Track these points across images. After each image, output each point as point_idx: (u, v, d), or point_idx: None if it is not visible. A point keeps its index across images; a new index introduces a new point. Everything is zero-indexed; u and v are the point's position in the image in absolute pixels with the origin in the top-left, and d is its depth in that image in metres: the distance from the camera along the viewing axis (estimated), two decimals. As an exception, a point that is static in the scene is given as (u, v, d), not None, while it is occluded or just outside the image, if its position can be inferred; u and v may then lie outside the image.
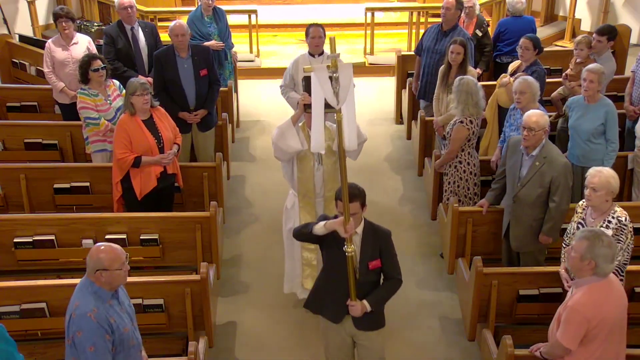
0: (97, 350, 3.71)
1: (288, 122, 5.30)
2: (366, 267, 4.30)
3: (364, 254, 4.31)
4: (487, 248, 6.02)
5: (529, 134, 5.23)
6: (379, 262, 4.33)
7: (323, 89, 3.97)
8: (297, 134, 5.26)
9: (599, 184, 4.62)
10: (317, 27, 6.65)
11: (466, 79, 6.13)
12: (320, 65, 4.02)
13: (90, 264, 3.78)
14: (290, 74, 6.77)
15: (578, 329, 3.89)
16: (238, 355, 5.44)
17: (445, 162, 6.26)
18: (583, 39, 6.90)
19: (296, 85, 6.70)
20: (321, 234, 4.24)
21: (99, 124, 6.30)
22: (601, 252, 3.87)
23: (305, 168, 5.38)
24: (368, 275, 4.33)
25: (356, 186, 4.27)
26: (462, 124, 6.01)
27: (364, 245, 4.31)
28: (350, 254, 4.18)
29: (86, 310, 3.72)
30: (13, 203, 6.45)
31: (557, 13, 11.59)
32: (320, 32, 6.61)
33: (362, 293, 4.32)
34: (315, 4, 11.99)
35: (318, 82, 3.98)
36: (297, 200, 5.47)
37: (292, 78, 6.76)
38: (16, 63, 8.83)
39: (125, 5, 7.22)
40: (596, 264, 3.88)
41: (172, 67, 6.60)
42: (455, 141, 6.07)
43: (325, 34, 6.64)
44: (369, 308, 4.32)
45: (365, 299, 4.32)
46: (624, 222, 4.68)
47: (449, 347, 5.52)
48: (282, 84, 6.87)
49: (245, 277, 6.28)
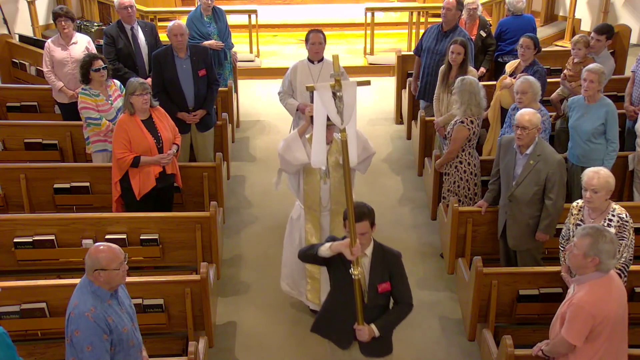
0: (95, 350, 3.71)
1: (294, 134, 5.23)
2: (375, 291, 4.16)
3: (373, 277, 4.16)
4: (487, 248, 6.02)
5: (522, 133, 5.24)
6: (388, 285, 4.18)
7: (326, 108, 3.89)
8: (303, 146, 5.15)
9: (599, 185, 4.61)
10: (317, 33, 6.49)
11: (468, 79, 6.13)
12: (322, 84, 3.95)
13: (89, 264, 3.78)
14: (289, 80, 6.62)
15: (584, 326, 3.89)
16: (238, 355, 5.44)
17: (446, 162, 6.26)
18: (580, 38, 6.91)
19: (294, 92, 6.61)
20: (327, 256, 4.10)
21: (100, 124, 6.30)
22: (605, 248, 3.87)
23: (311, 180, 5.27)
24: (377, 299, 4.18)
25: (364, 205, 4.13)
26: (462, 124, 6.01)
27: (373, 268, 4.16)
28: (357, 277, 4.05)
29: (84, 310, 3.72)
30: (13, 203, 6.45)
31: (557, 13, 11.59)
32: (320, 38, 6.46)
33: (371, 317, 4.18)
34: (315, 4, 11.99)
35: (320, 100, 3.90)
36: (304, 213, 5.40)
37: (290, 84, 6.62)
38: (16, 63, 8.83)
39: (125, 4, 7.22)
40: (600, 260, 3.89)
41: (171, 67, 6.59)
42: (455, 141, 6.07)
43: (326, 39, 6.53)
44: (377, 333, 4.17)
45: (374, 324, 4.17)
46: (625, 218, 4.68)
47: (449, 347, 5.52)
48: (280, 90, 6.73)
49: (245, 277, 6.29)
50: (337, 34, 11.14)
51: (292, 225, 5.52)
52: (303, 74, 6.53)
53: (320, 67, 6.51)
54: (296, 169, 5.24)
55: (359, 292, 4.10)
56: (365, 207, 4.11)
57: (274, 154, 8.03)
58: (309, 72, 6.52)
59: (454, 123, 6.11)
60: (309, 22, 11.29)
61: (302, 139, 5.20)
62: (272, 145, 8.28)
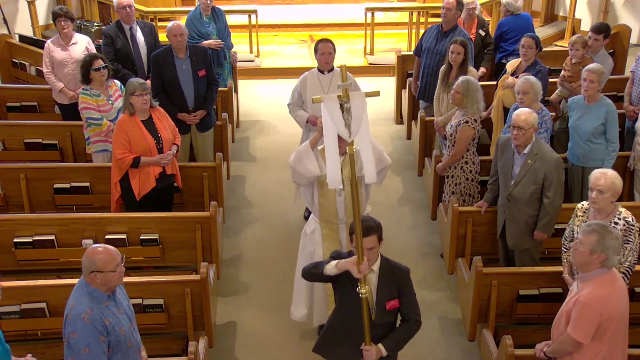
0: (92, 352, 3.70)
1: (306, 146, 5.02)
2: (383, 308, 4.06)
3: (380, 293, 4.05)
4: (487, 248, 6.02)
5: (519, 133, 5.24)
6: (396, 302, 4.08)
7: (333, 120, 3.74)
8: (315, 159, 4.96)
9: (606, 186, 4.59)
10: (327, 42, 6.32)
11: (471, 78, 6.14)
12: (330, 95, 3.82)
13: (85, 265, 3.77)
14: (298, 91, 6.46)
15: (591, 323, 3.89)
16: (238, 355, 5.44)
17: (451, 164, 6.18)
18: (578, 39, 6.91)
19: (304, 104, 6.46)
20: (333, 274, 3.99)
21: (101, 124, 6.30)
22: (611, 244, 3.89)
23: (327, 193, 5.05)
24: (385, 316, 4.09)
25: (371, 219, 4.04)
26: (467, 124, 5.98)
27: (380, 285, 4.06)
28: (365, 295, 3.93)
29: (80, 312, 3.72)
30: (13, 203, 6.44)
31: (557, 13, 11.59)
32: (329, 48, 6.29)
33: (377, 335, 4.08)
34: (315, 4, 11.98)
35: (328, 112, 3.76)
36: (319, 227, 5.17)
37: (299, 96, 6.46)
38: (16, 63, 8.83)
39: (124, 4, 7.20)
40: (606, 257, 3.90)
41: (171, 68, 6.59)
42: (461, 141, 6.02)
43: (335, 49, 6.36)
44: (385, 352, 4.07)
45: (382, 343, 4.07)
46: (632, 222, 4.67)
47: (449, 347, 5.52)
48: (289, 102, 6.56)
49: (245, 277, 6.29)
50: (337, 34, 11.13)
51: (306, 240, 5.29)
52: (313, 85, 6.38)
53: (330, 77, 6.36)
54: (308, 181, 5.06)
55: (366, 310, 3.97)
56: (372, 221, 4.01)
57: (274, 154, 8.10)
58: (319, 83, 6.38)
59: (458, 123, 6.07)
60: (309, 22, 11.33)
61: (315, 151, 5.00)
62: (272, 145, 8.31)
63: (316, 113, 6.16)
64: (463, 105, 6.03)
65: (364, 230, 3.89)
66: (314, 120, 6.15)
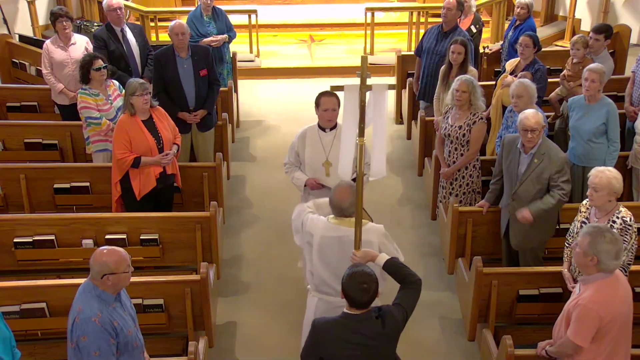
0: (102, 355, 3.71)
1: (309, 204, 4.69)
2: None
3: None
4: (487, 248, 6.02)
5: (533, 136, 5.23)
6: None
7: (352, 109, 3.66)
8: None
9: (600, 184, 4.62)
10: (331, 97, 5.31)
11: (469, 76, 6.16)
12: (351, 84, 3.66)
13: (96, 268, 3.76)
14: (295, 150, 5.58)
15: (591, 327, 3.89)
16: (238, 355, 5.44)
17: (466, 164, 6.14)
18: (579, 39, 6.91)
19: (302, 164, 5.59)
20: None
21: (100, 124, 6.29)
22: (603, 248, 3.86)
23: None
24: None
25: (367, 273, 3.68)
26: (482, 121, 6.00)
27: None
28: None
29: (90, 315, 3.71)
30: (13, 203, 6.44)
31: (557, 13, 11.59)
32: (334, 104, 5.32)
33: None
34: (315, 4, 11.99)
35: (348, 103, 3.69)
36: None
37: (297, 155, 5.59)
38: (16, 63, 8.82)
39: (114, 6, 7.15)
40: (599, 260, 3.88)
41: (172, 67, 6.59)
42: (478, 140, 6.01)
43: (340, 103, 5.05)
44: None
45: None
46: (629, 222, 4.67)
47: (449, 347, 5.52)
48: (286, 160, 5.69)
49: (245, 277, 6.28)
50: (337, 34, 11.14)
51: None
52: (313, 145, 5.51)
53: (333, 136, 5.44)
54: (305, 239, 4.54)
55: None
56: (367, 275, 3.68)
57: (274, 154, 8.09)
58: (320, 142, 5.49)
59: (472, 123, 6.00)
60: (309, 22, 11.34)
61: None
62: (272, 146, 8.30)
63: (315, 175, 5.50)
64: (470, 103, 6.03)
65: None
66: (313, 184, 5.50)
